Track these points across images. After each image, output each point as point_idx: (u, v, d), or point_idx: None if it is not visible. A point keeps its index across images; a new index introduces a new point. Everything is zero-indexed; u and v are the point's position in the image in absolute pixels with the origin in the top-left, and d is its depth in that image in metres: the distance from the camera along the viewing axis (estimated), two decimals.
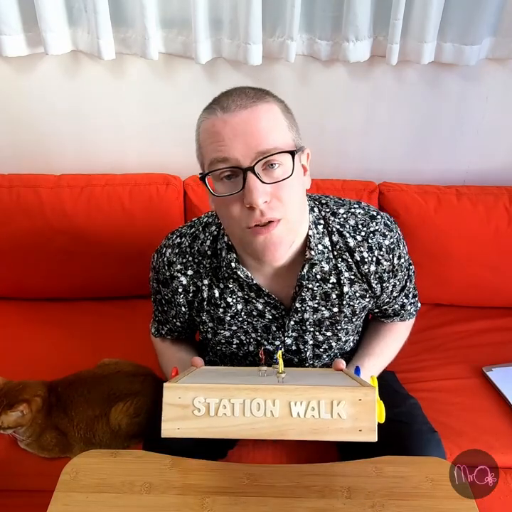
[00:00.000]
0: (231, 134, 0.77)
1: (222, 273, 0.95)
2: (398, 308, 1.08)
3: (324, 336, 1.01)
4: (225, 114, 0.78)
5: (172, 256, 0.98)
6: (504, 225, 1.47)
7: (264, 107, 0.79)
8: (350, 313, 0.99)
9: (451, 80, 1.48)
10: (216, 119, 0.79)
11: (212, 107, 0.82)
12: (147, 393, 1.19)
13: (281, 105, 0.83)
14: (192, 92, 1.50)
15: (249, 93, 0.80)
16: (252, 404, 0.64)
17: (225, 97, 0.81)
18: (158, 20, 1.38)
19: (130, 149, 1.60)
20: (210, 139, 0.80)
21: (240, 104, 0.78)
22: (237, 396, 0.65)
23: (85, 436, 1.16)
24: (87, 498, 0.81)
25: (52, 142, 1.58)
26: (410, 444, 0.99)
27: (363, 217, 0.95)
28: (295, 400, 0.64)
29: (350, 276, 0.95)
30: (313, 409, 0.64)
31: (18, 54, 1.41)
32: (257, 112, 0.78)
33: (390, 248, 0.94)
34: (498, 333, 1.50)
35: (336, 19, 1.37)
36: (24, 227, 1.48)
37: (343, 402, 0.64)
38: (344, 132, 1.57)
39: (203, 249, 0.96)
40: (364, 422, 0.64)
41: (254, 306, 0.97)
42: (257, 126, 0.77)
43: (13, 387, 1.17)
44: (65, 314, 1.56)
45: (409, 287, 1.07)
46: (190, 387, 0.66)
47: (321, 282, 0.94)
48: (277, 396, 0.64)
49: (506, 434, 1.21)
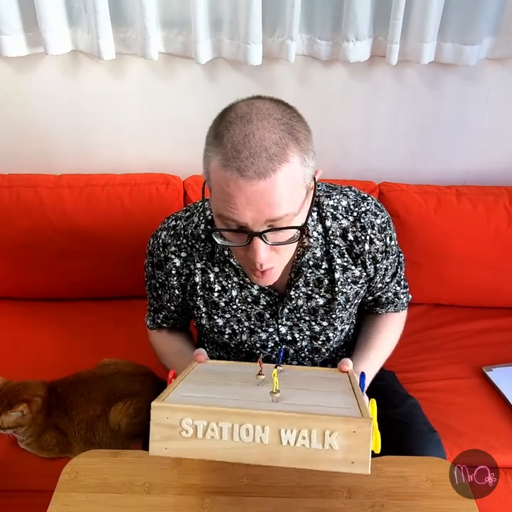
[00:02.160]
0: (244, 201, 0.74)
1: (217, 257, 0.96)
2: (392, 297, 1.09)
3: (320, 326, 1.01)
4: (241, 179, 0.72)
5: (167, 238, 0.99)
6: (504, 225, 1.47)
7: (283, 174, 0.73)
8: (343, 301, 0.99)
9: (451, 80, 1.48)
10: (231, 180, 0.73)
11: (227, 155, 0.73)
12: (147, 393, 1.19)
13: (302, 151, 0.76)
14: (192, 92, 1.50)
15: (271, 148, 0.72)
16: (241, 429, 0.62)
17: (244, 149, 0.72)
18: (158, 20, 1.38)
19: (130, 149, 1.60)
20: (222, 195, 0.76)
21: (259, 172, 0.72)
22: (225, 420, 0.62)
23: (85, 436, 1.16)
24: (87, 498, 0.81)
25: (53, 142, 1.58)
26: (410, 444, 0.99)
27: (354, 197, 0.97)
28: (285, 428, 0.61)
29: (343, 262, 0.96)
30: (304, 438, 0.61)
31: (18, 54, 1.41)
32: (275, 183, 0.73)
33: (382, 227, 0.96)
34: (498, 333, 1.50)
35: (336, 19, 1.37)
36: (24, 227, 1.48)
37: (336, 433, 0.61)
38: (344, 132, 1.57)
39: (197, 233, 0.97)
40: (357, 454, 0.61)
41: (249, 292, 0.98)
42: (273, 198, 0.74)
43: (13, 387, 1.17)
44: (65, 314, 1.57)
45: (401, 274, 1.08)
46: (177, 408, 0.63)
47: (313, 268, 0.96)
48: (267, 423, 0.62)
49: (506, 434, 1.21)
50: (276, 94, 0.85)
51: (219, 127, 0.76)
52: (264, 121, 0.74)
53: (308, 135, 0.78)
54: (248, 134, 0.73)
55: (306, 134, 0.78)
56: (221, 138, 0.74)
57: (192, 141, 1.62)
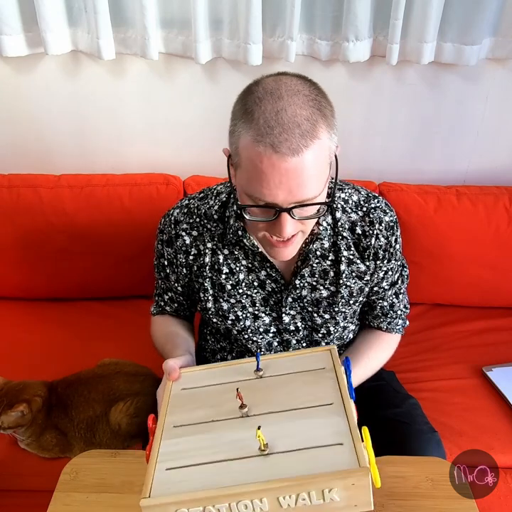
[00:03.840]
0: (277, 180, 0.74)
1: (228, 239, 0.97)
2: (387, 308, 1.07)
3: (322, 319, 1.01)
4: (275, 155, 0.73)
5: (180, 215, 1.00)
6: (504, 225, 1.47)
7: (314, 151, 0.74)
8: (347, 294, 0.99)
9: (451, 80, 1.48)
10: (265, 156, 0.73)
11: (260, 130, 0.73)
12: (147, 393, 1.19)
13: (329, 126, 0.78)
14: (192, 92, 1.50)
15: (303, 124, 0.73)
16: (239, 505, 0.61)
17: (277, 125, 0.72)
18: (158, 20, 1.38)
19: (130, 149, 1.60)
20: (254, 172, 0.76)
21: (292, 148, 0.72)
22: (221, 502, 0.61)
23: (85, 436, 1.16)
24: (87, 498, 0.81)
25: (52, 142, 1.59)
26: (410, 444, 0.99)
27: (365, 194, 0.99)
28: (283, 495, 0.60)
29: (349, 255, 0.97)
30: (303, 499, 0.61)
31: (18, 54, 1.41)
32: (307, 161, 0.74)
33: (390, 225, 0.96)
34: (498, 333, 1.50)
35: (336, 19, 1.37)
36: (24, 227, 1.48)
37: (335, 489, 0.60)
38: (344, 132, 1.55)
39: (210, 213, 0.98)
40: (359, 499, 0.61)
41: (257, 276, 0.99)
42: (304, 178, 0.75)
43: (13, 387, 1.17)
44: (65, 314, 1.57)
45: (401, 287, 1.07)
46: (169, 503, 0.61)
47: (320, 259, 0.97)
48: (264, 495, 0.61)
49: (506, 434, 1.21)
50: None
51: (248, 102, 0.76)
52: (295, 98, 0.75)
53: (332, 110, 0.81)
54: (280, 110, 0.73)
55: (331, 110, 0.81)
56: (252, 113, 0.75)
57: (192, 141, 1.62)
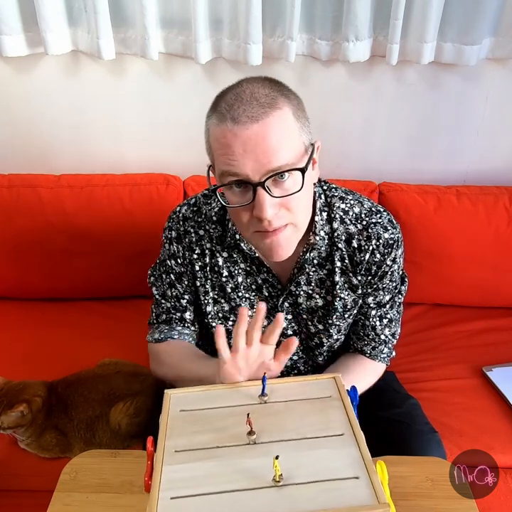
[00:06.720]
0: (241, 149, 0.76)
1: (227, 242, 0.97)
2: (369, 330, 1.03)
3: (316, 328, 1.02)
4: (236, 126, 0.76)
5: (189, 212, 1.01)
6: (504, 225, 1.47)
7: (275, 118, 0.77)
8: (341, 307, 0.99)
9: (451, 80, 1.48)
10: (227, 130, 0.77)
11: (222, 112, 0.78)
12: (147, 393, 1.19)
13: (294, 106, 0.81)
14: (192, 92, 1.50)
15: (261, 98, 0.77)
16: None
17: (236, 101, 0.78)
18: (158, 20, 1.38)
19: (130, 149, 1.60)
20: (220, 149, 0.79)
21: (252, 116, 0.76)
22: None
23: (85, 436, 1.16)
24: (87, 498, 0.81)
25: (53, 142, 1.58)
26: (410, 444, 0.99)
27: (368, 208, 0.97)
28: None
29: (342, 266, 0.96)
30: None
31: (18, 54, 1.41)
32: (268, 126, 0.76)
33: (388, 243, 0.94)
34: (498, 333, 1.50)
35: (336, 19, 1.37)
36: (24, 227, 1.48)
37: None
38: (344, 132, 1.57)
39: (210, 214, 0.99)
40: None
41: (255, 279, 0.99)
42: (268, 143, 0.76)
43: (13, 387, 1.17)
44: (65, 314, 1.56)
45: (388, 312, 1.02)
46: None
47: (317, 267, 0.97)
48: None
49: (506, 434, 1.21)
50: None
51: (214, 103, 0.83)
52: (254, 83, 0.80)
53: (299, 100, 0.83)
54: (239, 92, 0.79)
55: (297, 98, 0.83)
56: (216, 105, 0.81)
57: (192, 141, 1.62)
